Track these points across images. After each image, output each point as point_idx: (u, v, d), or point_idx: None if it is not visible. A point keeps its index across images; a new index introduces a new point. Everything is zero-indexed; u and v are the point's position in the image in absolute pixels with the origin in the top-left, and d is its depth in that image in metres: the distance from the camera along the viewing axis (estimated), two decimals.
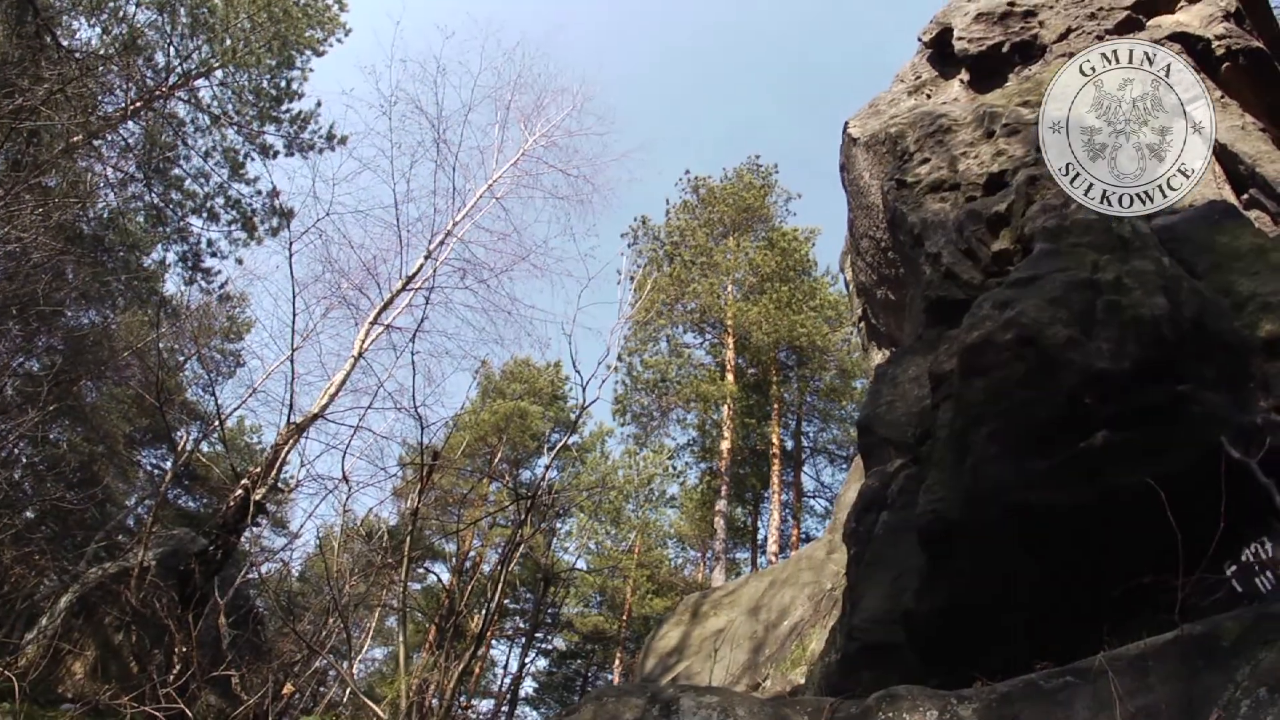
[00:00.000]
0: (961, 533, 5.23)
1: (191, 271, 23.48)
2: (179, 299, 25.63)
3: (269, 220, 22.39)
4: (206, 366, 30.15)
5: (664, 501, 43.36)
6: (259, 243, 22.62)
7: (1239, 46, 10.99)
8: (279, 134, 21.93)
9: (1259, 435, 4.81)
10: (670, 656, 12.81)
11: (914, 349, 9.21)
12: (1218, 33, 11.03)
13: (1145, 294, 5.37)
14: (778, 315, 36.89)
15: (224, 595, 12.98)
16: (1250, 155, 9.31)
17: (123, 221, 21.30)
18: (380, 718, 7.58)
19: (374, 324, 18.90)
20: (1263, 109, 10.73)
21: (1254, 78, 11.02)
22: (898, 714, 4.03)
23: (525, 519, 11.21)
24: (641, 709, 4.32)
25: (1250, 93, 10.85)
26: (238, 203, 22.05)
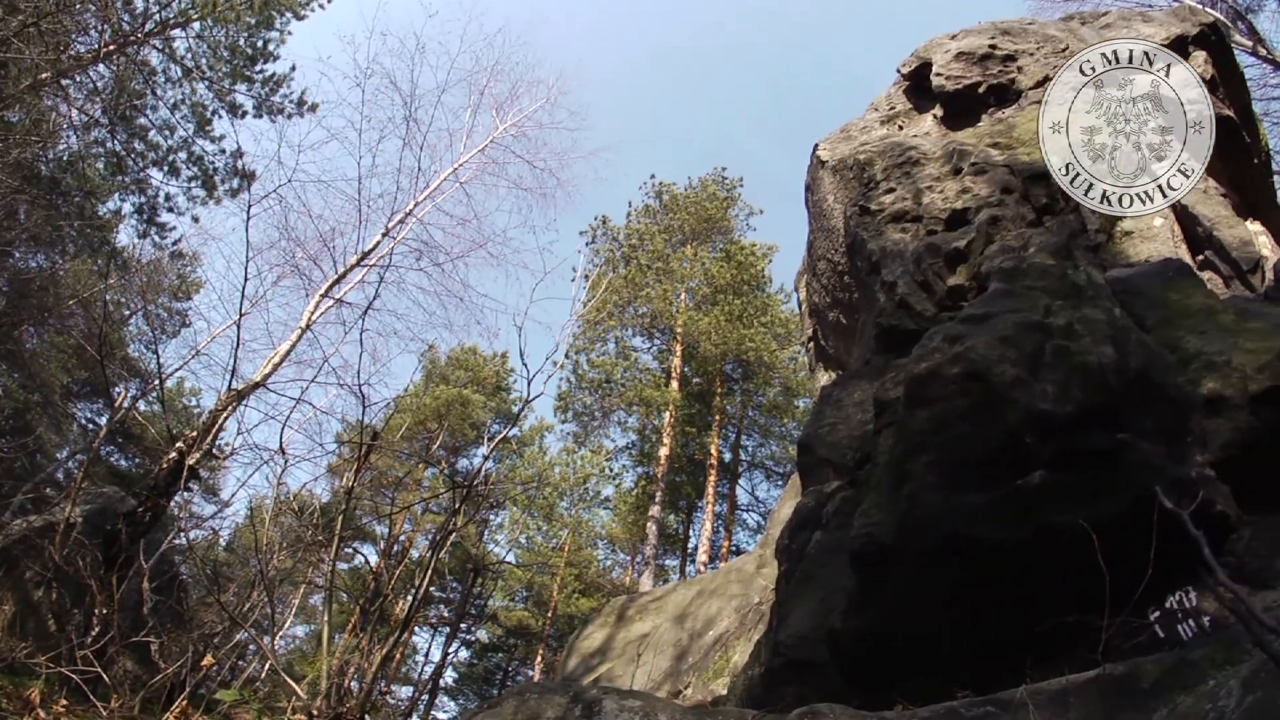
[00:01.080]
0: (894, 558, 5.31)
1: (146, 225, 23.07)
2: (131, 251, 25.25)
3: (230, 181, 22.06)
4: (152, 323, 29.73)
5: (598, 502, 43.46)
6: (217, 202, 22.28)
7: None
8: (250, 94, 21.63)
9: (1193, 488, 4.93)
10: (593, 657, 12.83)
11: (861, 373, 9.30)
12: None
13: (1094, 342, 5.48)
14: (728, 327, 37.00)
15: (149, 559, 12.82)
16: (1210, 218, 9.50)
17: (82, 166, 20.94)
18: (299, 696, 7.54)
19: (325, 296, 18.76)
20: (1226, 176, 10.95)
21: (1220, 147, 11.22)
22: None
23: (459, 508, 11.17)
24: (564, 708, 4.34)
25: (1216, 159, 11.04)
26: (200, 159, 21.71)
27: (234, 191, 22.10)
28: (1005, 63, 12.38)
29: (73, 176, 20.92)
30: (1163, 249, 8.92)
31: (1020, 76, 12.12)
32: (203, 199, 22.34)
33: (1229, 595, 3.41)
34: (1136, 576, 4.35)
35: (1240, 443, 5.40)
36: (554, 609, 39.78)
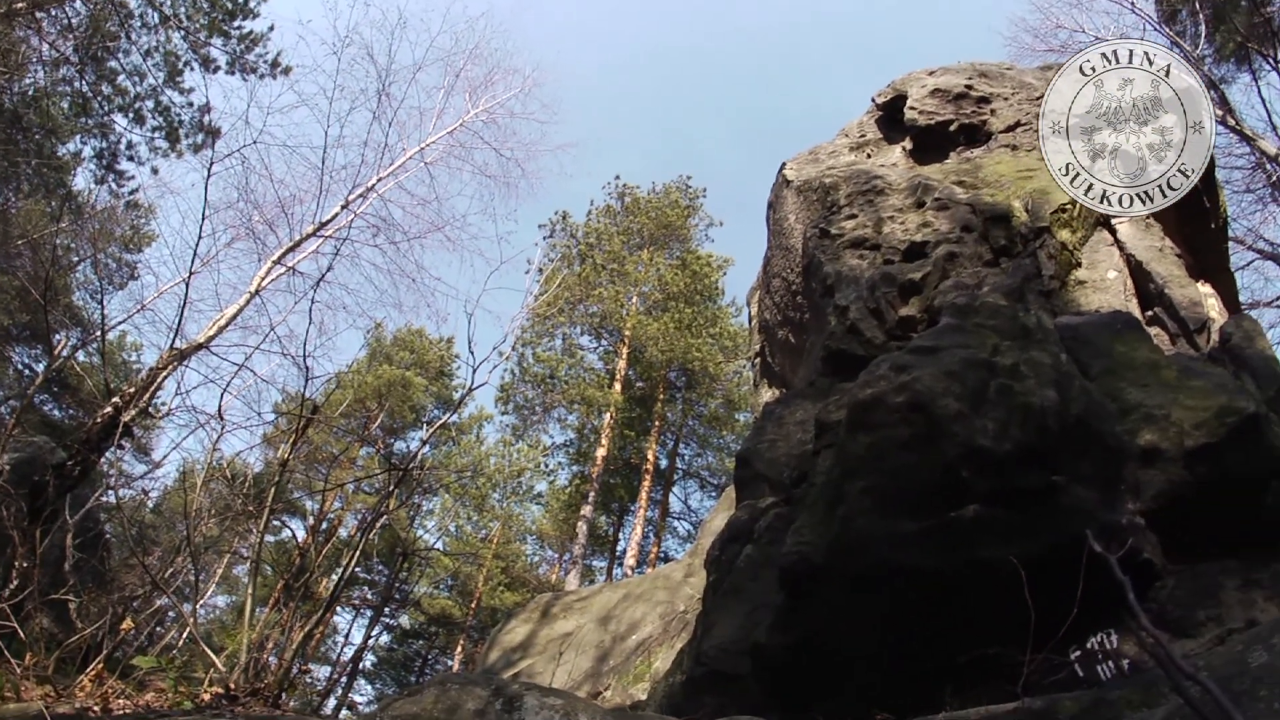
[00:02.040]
0: (823, 578, 5.37)
1: (105, 171, 22.72)
2: (86, 196, 24.94)
3: (194, 135, 21.79)
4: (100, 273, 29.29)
5: (531, 497, 43.41)
6: (179, 156, 22.01)
7: None
8: (225, 49, 21.33)
9: (1122, 535, 5.04)
10: (515, 652, 12.79)
11: (805, 394, 9.36)
12: None
13: (1038, 384, 5.57)
14: (676, 335, 37.14)
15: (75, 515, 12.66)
16: (1162, 276, 9.65)
17: (47, 103, 20.62)
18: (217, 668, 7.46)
19: (277, 263, 18.61)
20: (1183, 237, 11.13)
21: (1180, 208, 11.39)
22: None
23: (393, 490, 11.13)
24: (484, 701, 4.32)
25: (1174, 219, 11.23)
26: (167, 110, 21.43)
27: (197, 147, 21.86)
28: (979, 104, 12.51)
29: (36, 113, 20.60)
30: (1114, 301, 9.06)
31: (992, 119, 12.26)
32: (165, 151, 22.06)
33: (1150, 640, 3.49)
34: (1061, 615, 4.45)
35: (1171, 495, 5.52)
36: (478, 600, 39.67)
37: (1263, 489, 5.61)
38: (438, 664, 43.48)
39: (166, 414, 16.68)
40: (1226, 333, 7.54)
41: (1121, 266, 9.82)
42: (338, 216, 20.00)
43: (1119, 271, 9.71)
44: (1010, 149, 11.61)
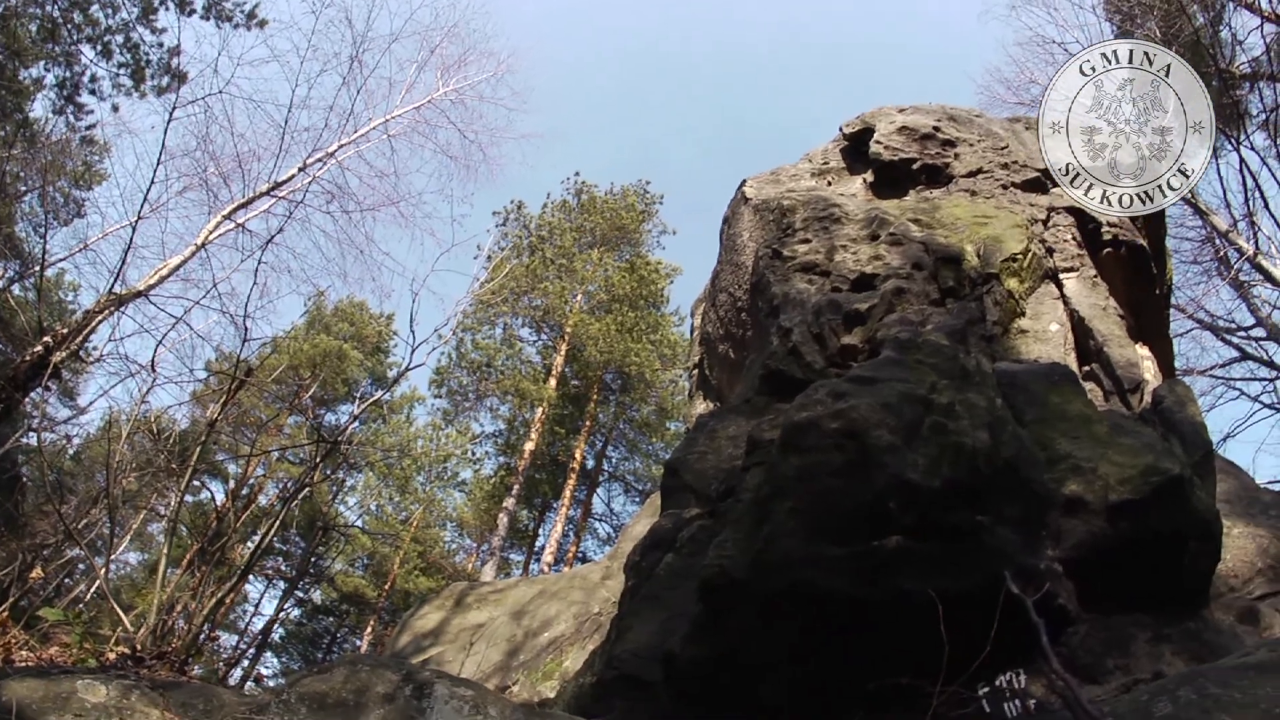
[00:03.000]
0: (743, 593, 5.40)
1: (65, 102, 22.26)
2: (42, 125, 24.55)
3: (160, 77, 21.39)
4: (46, 205, 28.73)
5: (455, 483, 43.18)
6: (142, 96, 21.59)
7: (1125, 238, 11.60)
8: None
9: (1040, 579, 5.15)
10: (425, 638, 12.70)
11: (740, 409, 9.41)
12: (1111, 220, 11.60)
13: (972, 425, 5.66)
14: (616, 337, 37.18)
15: None
16: (1103, 334, 9.82)
17: (15, 24, 20.29)
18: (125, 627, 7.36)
19: (227, 219, 18.46)
20: (1127, 299, 11.34)
21: (1128, 270, 11.65)
22: None
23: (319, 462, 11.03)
24: (394, 685, 4.30)
25: (1120, 281, 11.46)
26: (136, 47, 20.99)
27: (161, 89, 21.46)
28: (944, 146, 12.64)
29: (2, 33, 20.24)
30: (1054, 353, 9.20)
31: (955, 163, 12.39)
32: (129, 89, 21.62)
33: (1060, 682, 3.56)
34: (974, 651, 4.52)
35: (1091, 545, 5.65)
36: (392, 582, 39.40)
37: (1181, 549, 5.77)
38: (346, 643, 43.08)
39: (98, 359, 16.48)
40: (1159, 396, 7.69)
41: (1065, 320, 9.98)
42: (294, 178, 19.90)
43: (1061, 325, 9.86)
44: (969, 194, 11.74)
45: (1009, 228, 10.50)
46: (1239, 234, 24.37)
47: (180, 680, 5.66)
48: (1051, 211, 11.51)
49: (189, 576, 20.61)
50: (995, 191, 11.79)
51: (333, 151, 20.75)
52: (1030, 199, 11.74)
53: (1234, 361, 27.15)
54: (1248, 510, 7.82)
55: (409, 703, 4.21)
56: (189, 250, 17.47)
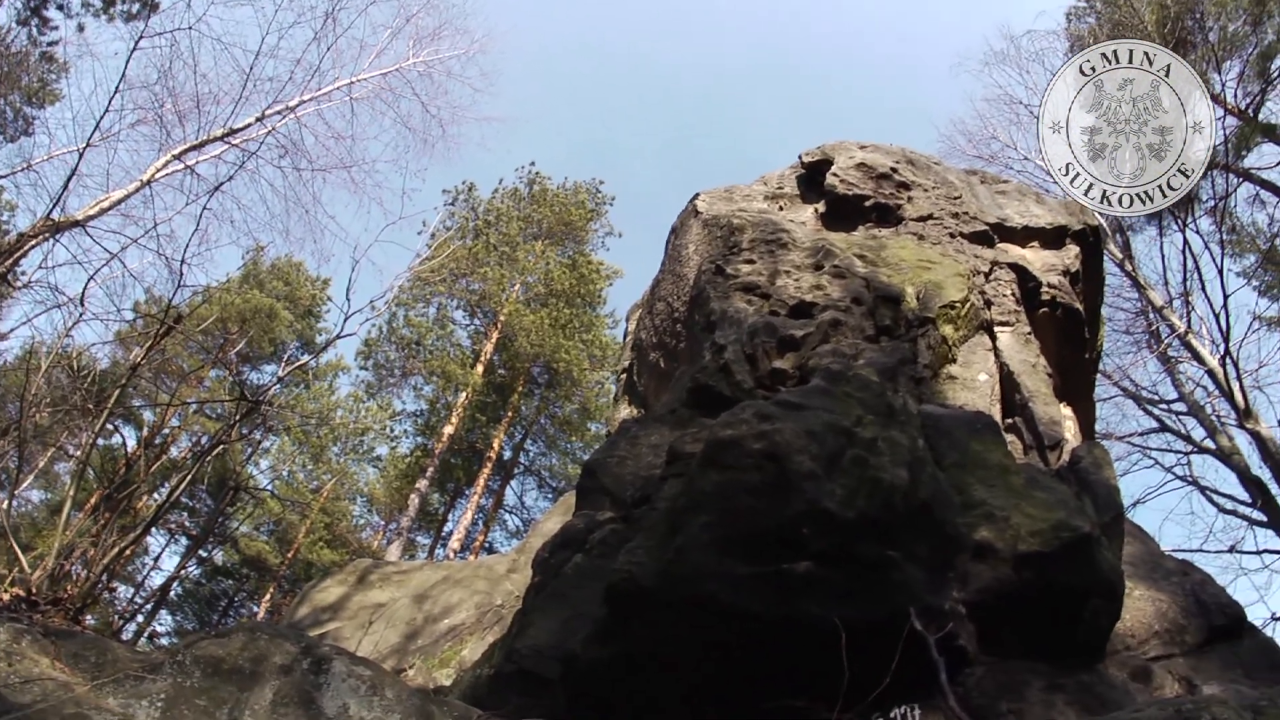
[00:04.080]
0: (649, 602, 5.42)
1: (30, 14, 21.67)
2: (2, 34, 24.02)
3: (132, 3, 21.05)
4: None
5: (370, 458, 42.72)
6: (110, 20, 21.05)
7: (1063, 301, 11.81)
8: None
9: (943, 618, 5.25)
10: (325, 612, 12.54)
11: (664, 419, 9.43)
12: (1052, 282, 11.82)
13: (892, 462, 5.75)
14: (549, 332, 37.12)
15: None
16: (1030, 390, 9.97)
17: None
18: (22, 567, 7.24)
19: (177, 159, 18.26)
20: (1057, 359, 11.55)
21: (1061, 331, 11.86)
22: None
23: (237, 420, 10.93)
24: (293, 657, 4.26)
25: (1053, 341, 11.66)
26: None
27: (131, 15, 20.93)
28: (899, 188, 12.76)
29: None
30: (979, 402, 9.33)
31: (908, 206, 12.52)
32: (98, 9, 21.04)
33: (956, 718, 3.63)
34: (873, 682, 4.60)
35: (996, 591, 5.76)
36: (296, 551, 38.81)
37: (1083, 605, 5.92)
38: (243, 608, 42.28)
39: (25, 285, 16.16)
40: (1078, 455, 7.84)
41: (994, 372, 10.12)
42: (250, 127, 19.72)
43: (990, 376, 9.99)
44: (917, 238, 11.86)
45: (951, 275, 10.63)
46: (1173, 311, 25.09)
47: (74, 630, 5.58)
48: (995, 265, 11.68)
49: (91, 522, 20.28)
50: (943, 239, 11.93)
51: (293, 106, 20.58)
52: (976, 250, 11.89)
53: (1152, 432, 27.87)
54: (1150, 575, 8.00)
55: (306, 676, 4.18)
56: (134, 185, 17.24)
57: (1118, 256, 26.26)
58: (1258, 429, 21.52)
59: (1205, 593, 7.81)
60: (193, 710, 3.88)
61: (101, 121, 12.34)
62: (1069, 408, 11.45)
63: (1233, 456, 24.05)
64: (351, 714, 4.10)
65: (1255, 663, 7.27)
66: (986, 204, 13.16)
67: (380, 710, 4.16)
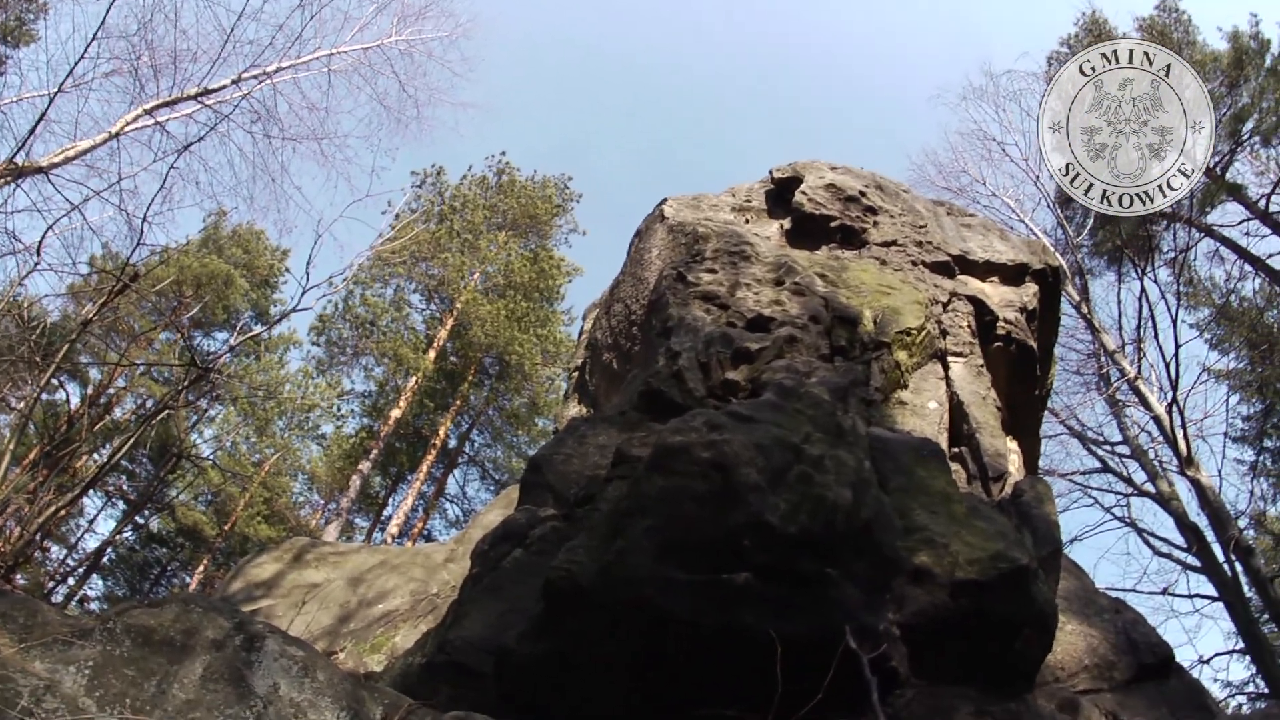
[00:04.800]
0: (587, 601, 5.43)
1: None
2: None
3: None
4: None
5: (314, 435, 42.33)
6: None
7: (1017, 337, 11.97)
8: None
9: (877, 639, 5.29)
10: (259, 588, 12.40)
11: (614, 420, 9.45)
12: (1008, 317, 11.98)
13: (837, 481, 5.80)
14: (504, 323, 37.00)
15: None
16: (978, 421, 10.07)
17: None
18: None
19: (148, 113, 18.06)
20: (1007, 394, 11.70)
21: (1013, 366, 12.02)
22: None
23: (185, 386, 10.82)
24: (226, 632, 4.22)
25: (1004, 375, 11.81)
26: None
27: None
28: (867, 212, 12.86)
29: None
30: (928, 430, 9.41)
31: (873, 230, 12.62)
32: None
33: None
34: (804, 697, 4.64)
35: (931, 615, 5.83)
36: (233, 524, 38.37)
37: (1015, 634, 6.01)
38: (175, 577, 41.67)
39: None
40: (1020, 489, 7.94)
41: (944, 400, 10.22)
42: (225, 89, 19.49)
43: (940, 404, 10.09)
44: (880, 262, 11.96)
45: (909, 303, 10.72)
46: (1125, 356, 25.58)
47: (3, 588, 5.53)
48: (954, 296, 11.79)
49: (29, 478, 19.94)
50: (905, 265, 12.04)
51: (270, 71, 20.40)
52: (936, 280, 12.01)
53: (1095, 471, 28.48)
54: (1084, 610, 8.13)
55: (238, 653, 4.15)
56: (102, 137, 17.04)
57: (1075, 298, 26.70)
58: (1198, 477, 21.98)
59: (1136, 631, 7.95)
60: (120, 680, 3.84)
61: (76, 68, 12.20)
62: (1015, 442, 11.57)
63: (1171, 502, 24.60)
64: (281, 694, 4.07)
65: (1181, 703, 7.44)
66: (951, 235, 13.30)
67: (311, 692, 4.13)
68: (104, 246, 21.43)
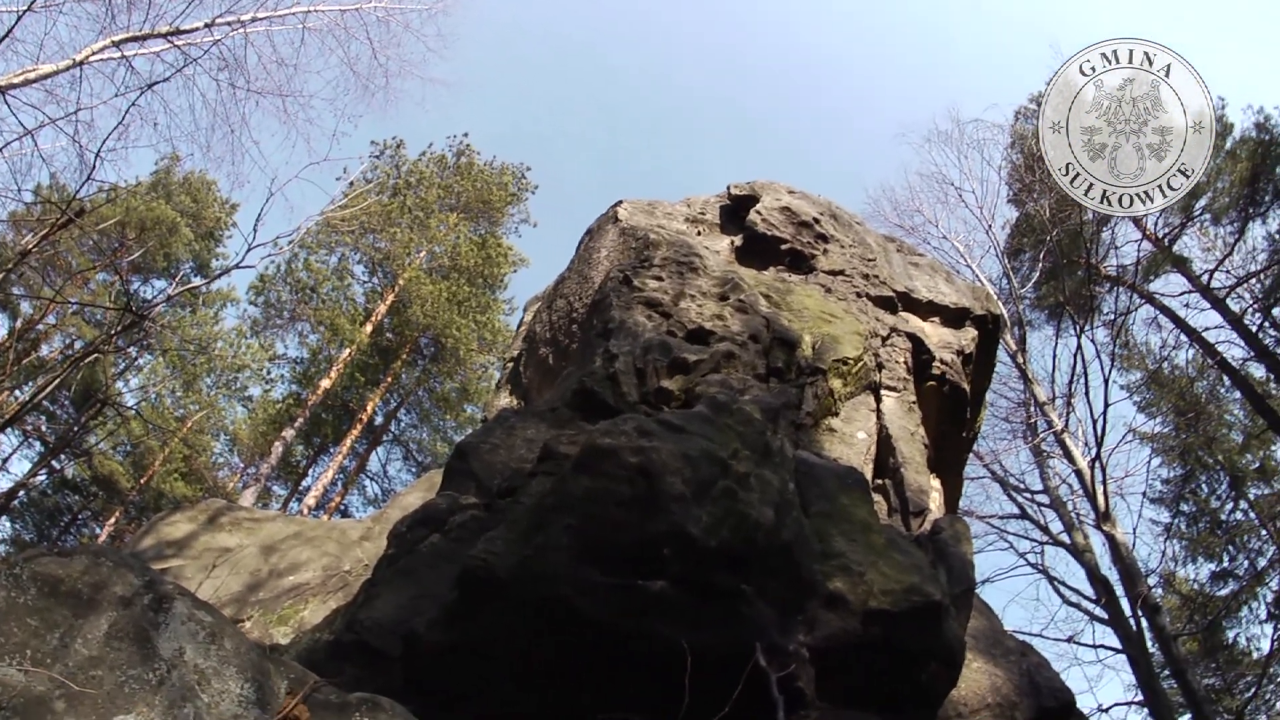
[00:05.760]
0: (501, 594, 5.43)
1: None
2: None
3: None
4: None
5: (240, 396, 41.82)
6: None
7: (951, 379, 12.15)
8: None
9: (786, 659, 5.37)
10: (170, 547, 12.24)
11: (544, 415, 9.45)
12: (945, 358, 12.16)
13: (761, 500, 5.85)
14: (445, 305, 36.89)
15: None
16: (904, 456, 10.18)
17: None
18: None
19: (116, 45, 17.79)
20: (935, 431, 11.88)
21: (944, 407, 12.22)
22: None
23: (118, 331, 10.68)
24: (135, 590, 4.09)
25: (935, 414, 12.00)
26: None
27: None
28: (818, 239, 12.97)
29: None
30: (854, 459, 9.49)
31: (822, 258, 12.72)
32: None
33: None
34: (710, 710, 4.67)
35: (841, 640, 5.90)
36: (150, 478, 37.81)
37: (922, 667, 6.11)
38: (85, 526, 40.95)
39: None
40: (940, 526, 8.04)
41: (873, 432, 10.31)
42: (197, 32, 19.23)
43: (869, 435, 10.19)
44: (825, 290, 12.05)
45: (850, 333, 10.81)
46: (1054, 408, 26.14)
47: None
48: (894, 332, 11.93)
49: None
50: (849, 296, 12.14)
51: (245, 20, 20.15)
52: (878, 314, 12.14)
53: (1013, 517, 29.05)
54: (990, 650, 8.25)
55: (145, 613, 4.03)
56: (65, 63, 16.74)
57: (1012, 347, 27.23)
58: (1113, 532, 22.46)
59: (1040, 675, 8.09)
60: (23, 629, 3.74)
61: None
62: (938, 480, 11.71)
63: (1085, 554, 25.17)
64: (186, 659, 3.97)
65: None
66: (899, 272, 13.44)
67: (216, 660, 4.05)
68: (52, 177, 21.05)
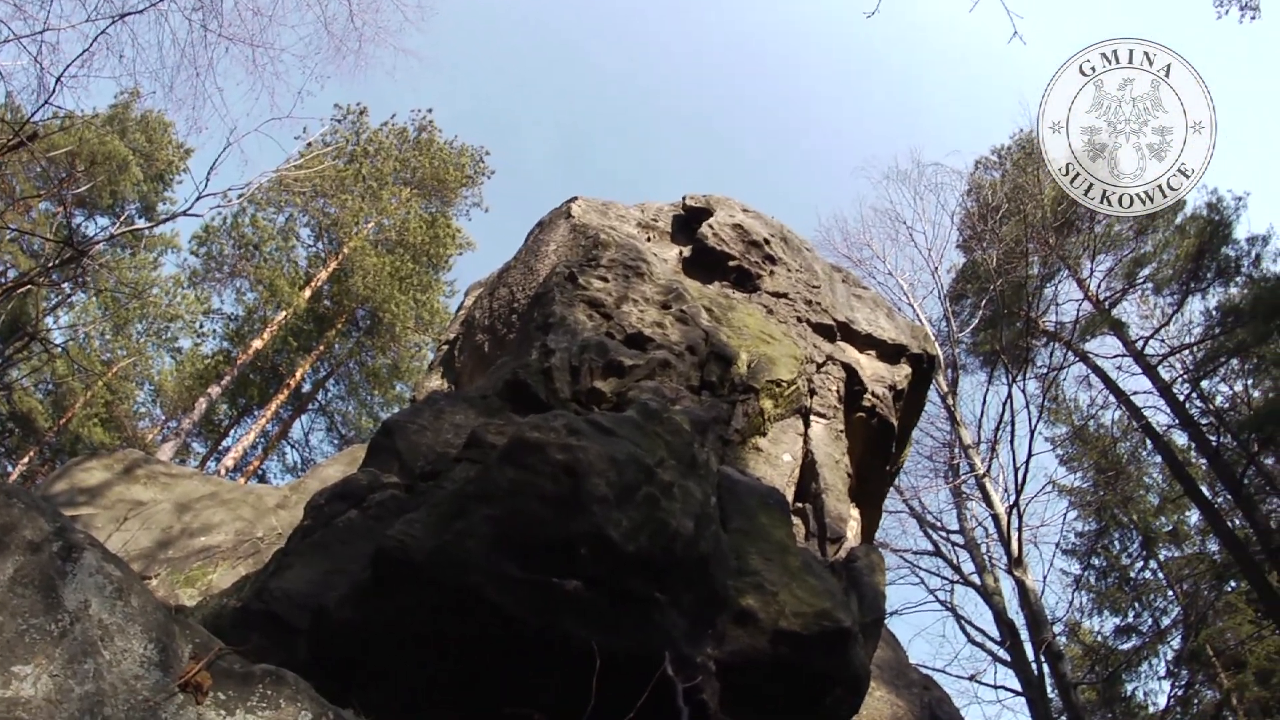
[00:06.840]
0: (416, 577, 5.42)
1: None
2: None
3: None
4: None
5: (170, 347, 41.33)
6: None
7: (881, 412, 12.33)
8: None
9: (694, 671, 5.44)
10: (82, 494, 12.04)
11: (474, 402, 9.43)
12: (877, 392, 12.35)
13: (682, 510, 5.91)
14: (387, 279, 36.79)
15: None
16: (827, 483, 10.28)
17: None
18: None
19: None
20: (859, 462, 12.05)
21: (871, 439, 12.46)
22: (278, 694, 4.11)
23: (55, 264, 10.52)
24: (45, 535, 4.01)
25: (861, 445, 12.22)
26: None
27: None
28: (766, 260, 13.07)
29: None
30: (778, 480, 9.59)
31: (768, 279, 12.83)
32: None
33: None
34: (614, 715, 4.70)
35: (749, 656, 5.97)
36: (69, 420, 37.23)
37: (827, 690, 6.21)
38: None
39: None
40: (855, 555, 8.14)
41: (799, 456, 10.41)
42: None
43: (794, 459, 10.28)
44: (767, 310, 12.14)
45: (786, 355, 10.90)
46: (978, 452, 26.62)
47: None
48: (830, 360, 12.05)
49: None
50: (790, 319, 12.25)
51: None
52: (816, 341, 12.25)
53: (927, 553, 29.64)
54: (895, 681, 8.40)
55: (53, 560, 3.95)
56: None
57: (943, 389, 27.70)
58: (1023, 578, 22.94)
59: (941, 709, 8.25)
60: None
61: None
62: (858, 509, 11.86)
63: (994, 596, 25.70)
64: (91, 613, 3.89)
65: None
66: (841, 302, 13.57)
67: (121, 617, 3.98)
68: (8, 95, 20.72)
